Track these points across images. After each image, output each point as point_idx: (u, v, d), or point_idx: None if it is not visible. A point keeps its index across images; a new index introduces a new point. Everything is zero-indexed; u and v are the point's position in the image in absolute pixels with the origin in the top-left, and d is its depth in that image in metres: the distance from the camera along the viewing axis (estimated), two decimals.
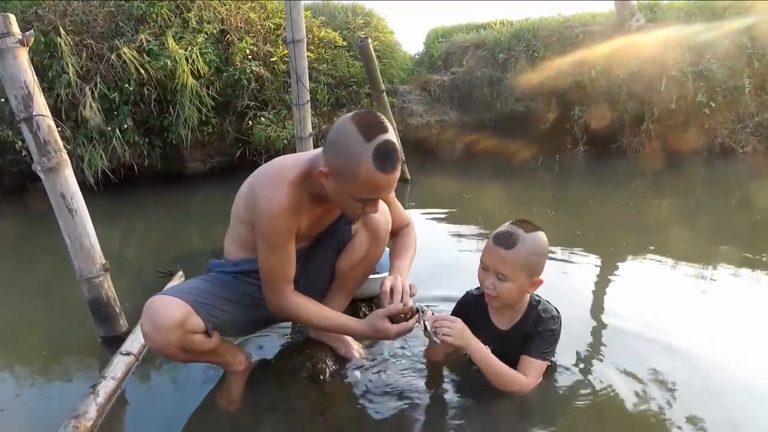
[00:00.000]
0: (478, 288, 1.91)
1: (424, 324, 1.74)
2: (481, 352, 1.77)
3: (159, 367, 2.14)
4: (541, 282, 1.80)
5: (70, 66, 5.33)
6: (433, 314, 1.78)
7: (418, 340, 2.13)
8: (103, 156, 5.51)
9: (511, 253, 1.73)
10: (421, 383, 1.92)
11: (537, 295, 1.91)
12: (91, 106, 5.38)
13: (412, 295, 1.80)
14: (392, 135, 1.55)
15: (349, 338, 2.08)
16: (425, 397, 1.85)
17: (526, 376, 1.77)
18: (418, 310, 1.76)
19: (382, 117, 1.57)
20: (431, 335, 1.73)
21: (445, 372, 1.98)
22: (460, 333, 1.75)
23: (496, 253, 1.76)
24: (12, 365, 2.32)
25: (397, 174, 1.57)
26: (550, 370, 1.93)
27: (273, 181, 1.66)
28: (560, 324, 1.85)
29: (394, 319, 1.74)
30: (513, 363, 1.80)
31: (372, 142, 1.50)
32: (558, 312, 1.88)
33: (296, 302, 1.78)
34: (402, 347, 2.13)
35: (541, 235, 1.78)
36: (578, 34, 7.62)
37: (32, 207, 5.16)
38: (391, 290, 1.78)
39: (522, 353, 1.81)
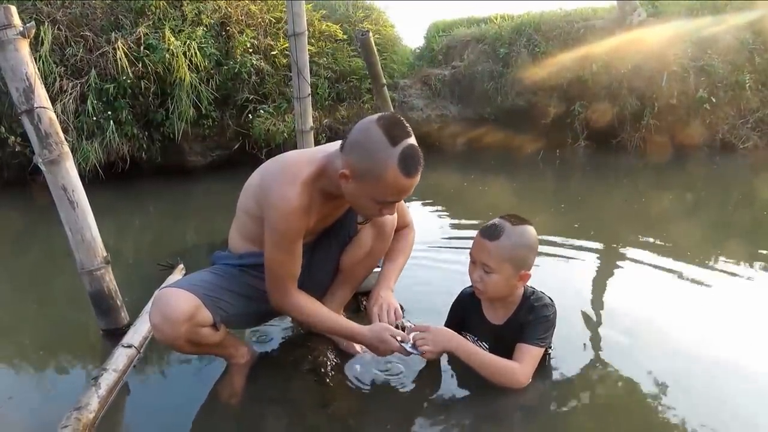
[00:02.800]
0: (472, 285, 1.91)
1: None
2: (466, 349, 1.78)
3: (161, 360, 2.14)
4: (528, 276, 1.79)
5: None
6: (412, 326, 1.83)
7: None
8: (98, 149, 5.49)
9: (495, 245, 1.74)
10: (422, 375, 1.92)
11: (531, 287, 1.90)
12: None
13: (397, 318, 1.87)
14: (414, 139, 1.57)
15: None
16: (426, 390, 1.86)
17: (521, 363, 1.76)
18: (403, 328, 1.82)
19: (405, 121, 1.58)
20: (407, 350, 1.77)
21: (447, 364, 1.99)
22: (435, 340, 1.77)
23: (481, 245, 1.77)
24: (14, 358, 2.33)
25: (419, 178, 1.59)
26: (549, 363, 1.93)
27: (287, 179, 1.65)
28: (555, 311, 1.84)
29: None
30: (510, 357, 1.80)
31: (398, 146, 1.51)
32: (551, 300, 1.87)
33: (299, 302, 1.78)
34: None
35: (529, 229, 1.78)
36: (579, 28, 7.60)
37: (33, 200, 5.18)
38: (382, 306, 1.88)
39: (518, 341, 1.81)
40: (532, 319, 1.81)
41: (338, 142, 1.67)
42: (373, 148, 1.52)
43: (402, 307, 1.92)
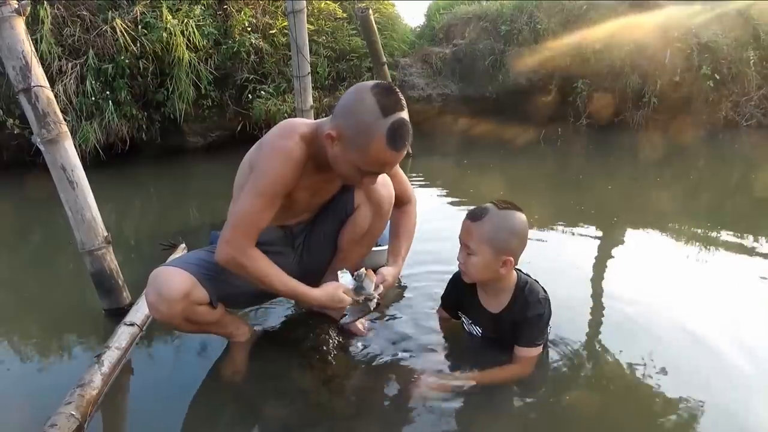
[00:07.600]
0: None
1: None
2: (469, 381, 1.75)
3: (163, 338, 2.16)
4: (511, 262, 1.73)
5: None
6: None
7: (419, 315, 2.16)
8: (98, 130, 5.46)
9: (476, 225, 1.72)
10: (422, 353, 1.93)
11: (526, 276, 1.87)
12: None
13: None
14: (407, 113, 1.54)
15: None
16: (427, 367, 1.86)
17: (522, 365, 1.77)
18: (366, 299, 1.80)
19: (400, 93, 1.54)
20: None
21: (447, 341, 2.00)
22: (439, 387, 1.73)
23: (465, 226, 1.77)
24: (18, 337, 2.34)
25: (405, 152, 1.57)
26: (549, 346, 1.93)
27: (283, 130, 1.65)
28: (549, 305, 1.81)
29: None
30: (508, 343, 1.81)
31: (389, 117, 1.48)
32: (546, 292, 1.83)
33: (254, 256, 1.65)
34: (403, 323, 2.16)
35: (515, 215, 1.73)
36: (582, 5, 7.48)
37: (32, 181, 5.16)
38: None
39: (514, 342, 1.79)
40: (527, 317, 1.77)
41: None
42: (364, 115, 1.49)
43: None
